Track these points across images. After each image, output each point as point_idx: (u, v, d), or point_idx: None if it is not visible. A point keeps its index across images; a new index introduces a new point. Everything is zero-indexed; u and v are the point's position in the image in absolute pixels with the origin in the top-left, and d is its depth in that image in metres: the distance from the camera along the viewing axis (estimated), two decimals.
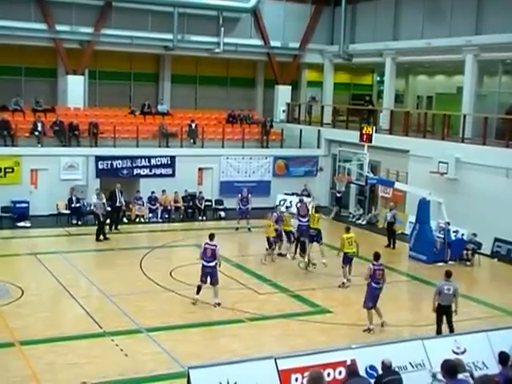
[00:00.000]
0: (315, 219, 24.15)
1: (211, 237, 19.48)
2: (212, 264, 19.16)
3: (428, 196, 26.18)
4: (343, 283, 21.93)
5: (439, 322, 17.02)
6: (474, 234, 26.00)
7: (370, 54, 37.38)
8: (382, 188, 31.83)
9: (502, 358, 11.42)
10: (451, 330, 16.67)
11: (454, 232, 26.61)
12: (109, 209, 28.36)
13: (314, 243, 24.13)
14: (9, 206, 29.66)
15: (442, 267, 25.05)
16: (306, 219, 24.25)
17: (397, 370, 12.33)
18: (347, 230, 22.30)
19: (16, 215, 29.23)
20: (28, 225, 28.99)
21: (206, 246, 19.28)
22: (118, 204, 28.96)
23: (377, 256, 18.18)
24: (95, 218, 28.58)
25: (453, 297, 17.09)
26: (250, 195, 30.42)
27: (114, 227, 28.89)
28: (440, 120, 31.53)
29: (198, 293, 19.23)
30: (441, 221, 26.33)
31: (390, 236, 28.28)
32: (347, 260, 22.05)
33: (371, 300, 17.92)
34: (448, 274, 17.44)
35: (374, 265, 18.02)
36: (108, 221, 28.64)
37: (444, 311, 17.01)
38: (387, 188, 31.05)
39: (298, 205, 25.62)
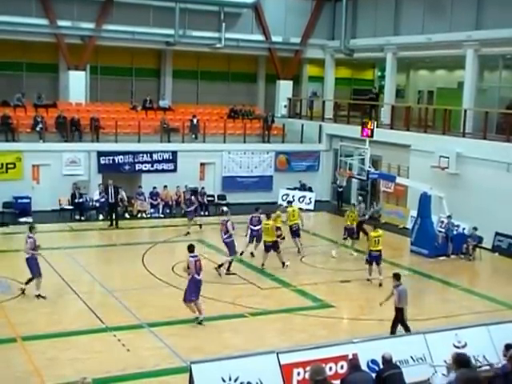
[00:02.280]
0: (290, 214, 24.25)
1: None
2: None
3: (429, 190, 26.21)
4: (368, 279, 22.00)
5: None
6: (475, 228, 25.99)
7: (371, 49, 37.37)
8: (383, 183, 31.85)
9: (508, 349, 11.37)
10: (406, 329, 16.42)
11: (455, 226, 26.62)
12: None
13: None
14: (11, 202, 29.72)
15: (444, 261, 25.24)
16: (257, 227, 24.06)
17: (398, 364, 12.38)
18: (375, 228, 22.43)
19: (18, 211, 29.29)
20: (30, 220, 28.94)
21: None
22: (110, 200, 28.97)
23: (191, 248, 17.69)
24: (97, 213, 28.71)
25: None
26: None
27: (113, 224, 28.92)
28: (441, 115, 31.53)
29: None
30: (442, 215, 26.36)
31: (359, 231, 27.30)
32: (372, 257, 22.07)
33: (194, 292, 17.45)
34: (397, 277, 17.27)
35: (192, 257, 17.48)
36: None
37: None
38: (388, 183, 31.06)
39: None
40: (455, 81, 35.80)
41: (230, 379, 11.82)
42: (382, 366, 12.09)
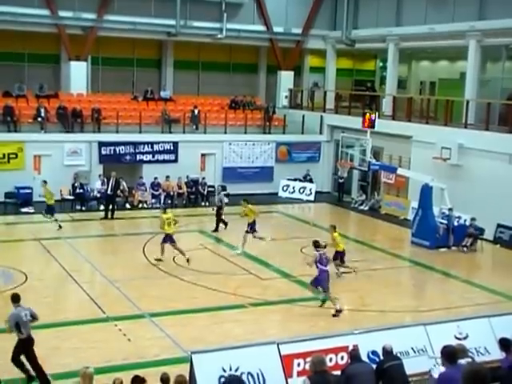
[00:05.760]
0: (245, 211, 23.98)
1: None
2: None
3: (431, 182, 26.18)
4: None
5: None
6: (473, 219, 25.91)
7: (373, 40, 37.24)
8: (384, 174, 31.88)
9: (503, 344, 11.44)
10: None
11: (456, 218, 26.61)
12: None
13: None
14: (12, 192, 29.77)
15: (445, 253, 25.25)
16: None
17: (398, 355, 12.40)
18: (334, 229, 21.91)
19: (20, 201, 29.33)
20: (32, 210, 29.06)
21: None
22: (109, 192, 29.00)
23: (316, 244, 18.43)
24: (98, 203, 28.74)
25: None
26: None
27: (107, 216, 28.86)
28: (443, 106, 31.50)
29: None
30: (443, 206, 26.35)
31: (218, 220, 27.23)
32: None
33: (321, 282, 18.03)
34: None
35: (317, 251, 18.16)
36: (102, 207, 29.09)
37: None
38: (390, 174, 31.09)
39: None
40: (457, 71, 35.72)
41: (230, 369, 11.85)
42: (382, 358, 12.12)
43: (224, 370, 11.78)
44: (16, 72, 35.21)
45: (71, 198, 30.45)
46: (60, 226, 26.03)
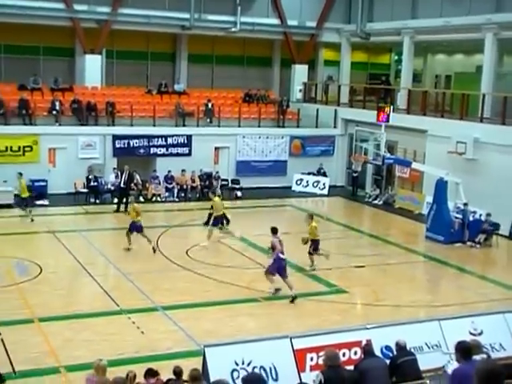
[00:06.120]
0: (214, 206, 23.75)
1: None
2: None
3: (445, 176, 26.02)
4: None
5: None
6: (489, 214, 25.73)
7: (388, 33, 37.03)
8: (398, 168, 31.75)
9: None
10: None
11: (472, 213, 26.43)
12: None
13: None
14: (28, 185, 29.76)
15: (460, 248, 25.09)
16: None
17: (412, 350, 12.34)
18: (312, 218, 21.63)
19: (35, 193, 29.41)
20: (46, 203, 29.19)
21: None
22: (122, 185, 29.04)
23: (274, 230, 18.64)
24: (112, 196, 28.82)
25: None
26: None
27: (119, 210, 28.89)
28: (458, 99, 31.25)
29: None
30: (458, 201, 26.20)
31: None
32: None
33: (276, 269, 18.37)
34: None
35: (275, 237, 18.37)
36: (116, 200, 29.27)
37: None
38: (404, 168, 30.96)
39: None
40: (473, 65, 35.47)
41: (243, 363, 11.83)
42: (396, 353, 12.06)
43: (237, 364, 11.77)
44: (31, 65, 35.31)
45: (85, 190, 30.52)
46: (32, 220, 25.87)
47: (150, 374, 10.73)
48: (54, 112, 31.80)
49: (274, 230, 18.74)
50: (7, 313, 16.44)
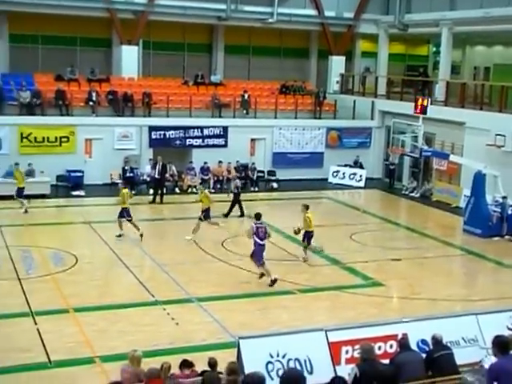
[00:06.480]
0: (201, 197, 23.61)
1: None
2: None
3: (484, 169, 25.67)
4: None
5: None
6: None
7: (426, 24, 36.61)
8: (436, 160, 31.40)
9: None
10: None
11: (510, 206, 26.01)
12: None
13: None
14: (64, 175, 30.12)
15: (498, 242, 24.74)
16: None
17: (448, 345, 12.16)
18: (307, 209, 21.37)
19: (71, 184, 29.67)
20: (82, 194, 29.40)
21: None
22: (156, 176, 29.13)
23: (258, 216, 18.93)
24: (147, 187, 28.98)
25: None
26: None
27: (155, 200, 28.99)
28: (497, 91, 30.76)
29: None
30: (497, 194, 25.82)
31: (233, 205, 26.85)
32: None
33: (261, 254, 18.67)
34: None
35: (255, 223, 18.75)
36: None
37: None
38: (442, 160, 30.62)
39: None
40: None
41: (277, 355, 11.75)
42: (432, 347, 11.90)
43: (271, 356, 11.70)
44: (68, 56, 35.57)
45: (121, 181, 30.62)
46: (26, 211, 25.73)
47: (186, 365, 10.73)
48: (91, 103, 32.00)
49: (258, 216, 18.99)
50: (43, 303, 16.59)
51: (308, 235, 21.05)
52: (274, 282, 18.43)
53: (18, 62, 34.61)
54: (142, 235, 22.56)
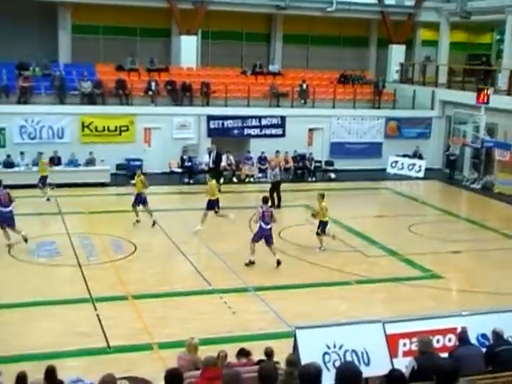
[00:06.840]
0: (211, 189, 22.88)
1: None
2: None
3: None
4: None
5: None
6: None
7: (490, 12, 35.82)
8: (498, 151, 30.76)
9: None
10: None
11: None
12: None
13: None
14: (123, 164, 30.51)
15: None
16: None
17: (510, 340, 11.92)
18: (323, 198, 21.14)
19: (130, 173, 29.97)
20: None
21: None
22: (211, 165, 29.19)
23: (265, 199, 19.65)
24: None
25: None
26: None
27: None
28: None
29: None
30: None
31: (272, 195, 25.96)
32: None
33: (260, 238, 19.15)
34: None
35: (261, 207, 19.19)
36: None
37: None
38: (504, 151, 29.98)
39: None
40: None
41: (334, 346, 11.68)
42: (492, 341, 11.68)
43: (328, 347, 11.62)
44: (128, 46, 35.97)
45: (180, 170, 30.93)
46: (48, 199, 25.98)
47: (242, 353, 10.76)
48: (150, 92, 32.30)
49: (265, 200, 19.64)
50: (103, 289, 16.88)
51: (323, 225, 20.83)
52: (250, 263, 18.97)
53: (79, 53, 35.16)
54: (154, 222, 22.73)
